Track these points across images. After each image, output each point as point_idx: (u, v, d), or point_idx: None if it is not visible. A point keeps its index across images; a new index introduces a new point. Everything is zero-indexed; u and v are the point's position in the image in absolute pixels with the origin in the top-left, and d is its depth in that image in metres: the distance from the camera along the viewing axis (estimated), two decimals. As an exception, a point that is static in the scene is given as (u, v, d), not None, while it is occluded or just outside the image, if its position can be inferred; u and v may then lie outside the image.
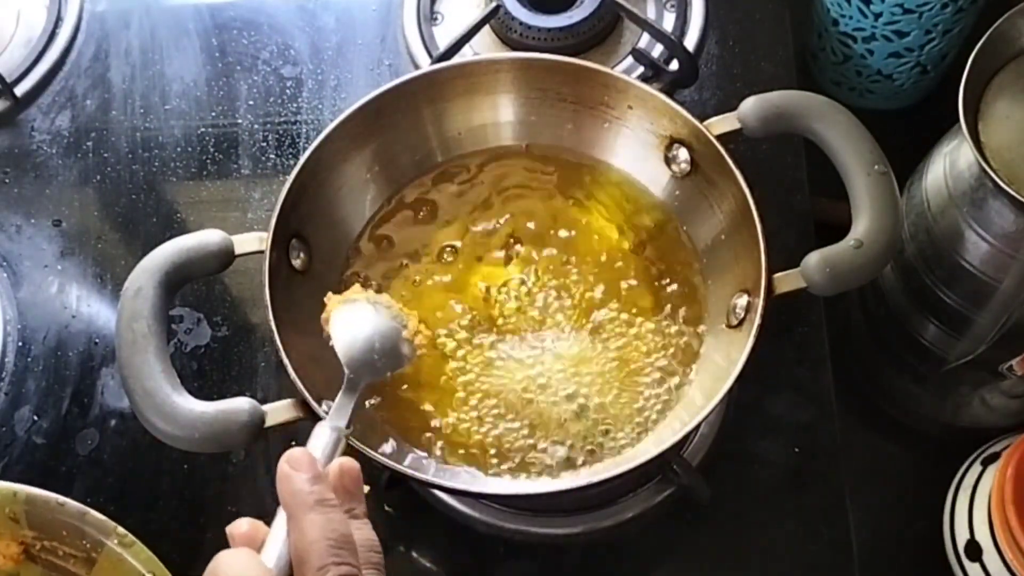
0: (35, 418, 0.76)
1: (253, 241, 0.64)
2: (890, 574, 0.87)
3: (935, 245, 0.75)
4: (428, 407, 0.66)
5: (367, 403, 0.65)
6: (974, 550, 0.79)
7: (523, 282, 0.69)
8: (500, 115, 0.73)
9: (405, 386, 0.66)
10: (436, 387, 0.66)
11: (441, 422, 0.65)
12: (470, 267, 0.70)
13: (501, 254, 0.71)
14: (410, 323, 0.65)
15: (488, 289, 0.69)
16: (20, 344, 0.78)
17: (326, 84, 0.88)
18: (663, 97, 0.68)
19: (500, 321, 0.68)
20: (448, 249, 0.71)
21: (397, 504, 0.72)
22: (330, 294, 0.65)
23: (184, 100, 0.88)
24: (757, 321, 0.60)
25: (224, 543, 0.61)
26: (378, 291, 0.68)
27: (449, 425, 0.65)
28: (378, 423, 0.65)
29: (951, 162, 0.73)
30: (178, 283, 0.61)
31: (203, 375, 0.77)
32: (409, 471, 0.61)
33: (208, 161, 0.85)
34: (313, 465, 0.49)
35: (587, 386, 0.65)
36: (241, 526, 0.50)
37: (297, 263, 0.67)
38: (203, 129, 0.87)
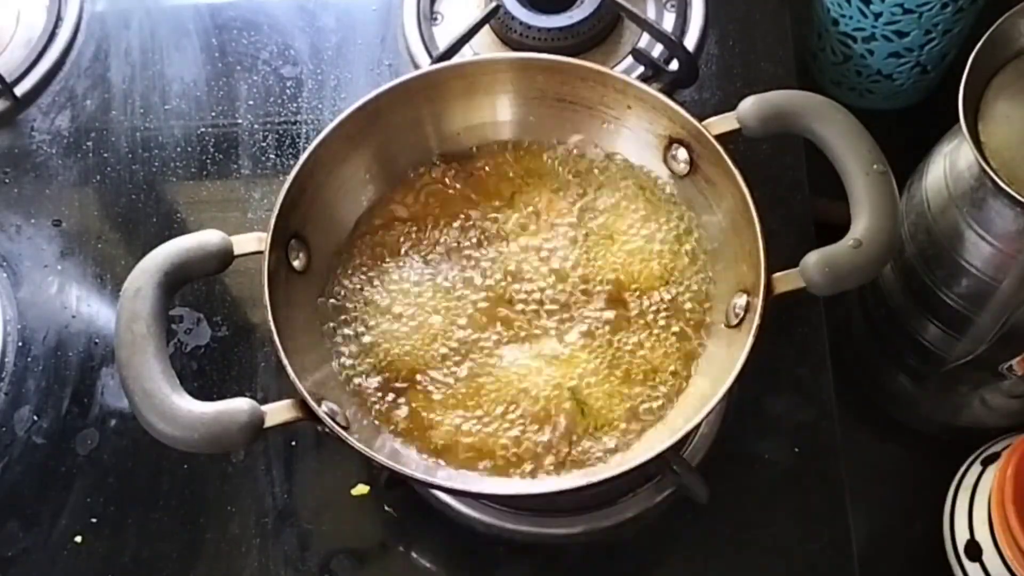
0: (35, 418, 0.76)
1: (252, 241, 0.64)
2: (890, 574, 0.87)
3: (935, 245, 0.75)
4: (428, 407, 0.66)
5: (366, 404, 0.65)
6: (974, 550, 0.79)
7: (523, 280, 0.69)
8: (499, 115, 0.73)
9: (405, 386, 0.66)
10: (436, 387, 0.66)
11: (441, 422, 0.65)
12: (470, 266, 0.70)
13: (501, 252, 0.71)
14: None
15: (489, 287, 0.69)
16: (20, 344, 0.78)
17: (326, 84, 0.88)
18: (662, 97, 0.68)
19: (499, 319, 0.68)
20: (448, 248, 0.71)
21: (397, 504, 0.72)
22: None
23: (184, 100, 0.88)
24: (756, 321, 0.60)
25: (224, 543, 0.61)
26: (375, 288, 0.68)
27: (448, 425, 0.65)
28: (377, 424, 0.65)
29: (951, 162, 0.73)
30: (177, 284, 0.61)
31: (203, 375, 0.77)
32: (409, 471, 0.61)
33: (208, 161, 0.85)
34: None
35: (587, 386, 0.65)
36: None
37: (296, 263, 0.67)
38: (203, 129, 0.86)
